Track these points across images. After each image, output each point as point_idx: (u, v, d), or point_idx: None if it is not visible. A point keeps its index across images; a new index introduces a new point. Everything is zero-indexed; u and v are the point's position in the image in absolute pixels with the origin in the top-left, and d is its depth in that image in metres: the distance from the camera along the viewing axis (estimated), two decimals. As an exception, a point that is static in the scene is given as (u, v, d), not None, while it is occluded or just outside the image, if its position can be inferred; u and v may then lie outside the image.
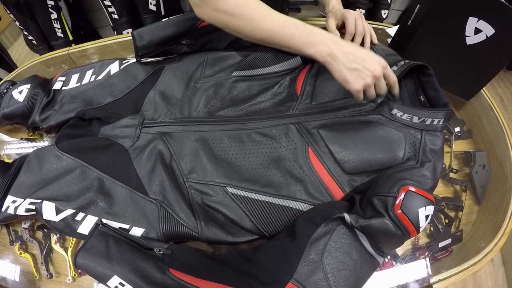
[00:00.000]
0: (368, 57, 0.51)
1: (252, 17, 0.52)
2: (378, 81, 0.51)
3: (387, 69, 0.52)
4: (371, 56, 0.51)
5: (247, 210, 0.55)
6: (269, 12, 0.53)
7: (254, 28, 0.53)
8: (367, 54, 0.51)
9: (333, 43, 0.51)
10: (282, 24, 0.52)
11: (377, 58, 0.51)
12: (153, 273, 0.48)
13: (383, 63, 0.51)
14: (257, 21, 0.53)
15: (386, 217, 0.45)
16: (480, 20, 0.65)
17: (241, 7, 0.52)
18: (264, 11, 0.53)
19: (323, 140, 0.56)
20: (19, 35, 1.92)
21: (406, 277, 0.63)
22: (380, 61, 0.51)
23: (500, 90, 1.69)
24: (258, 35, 0.54)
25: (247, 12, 0.52)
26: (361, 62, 0.50)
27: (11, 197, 0.63)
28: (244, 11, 0.52)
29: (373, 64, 0.50)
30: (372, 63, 0.50)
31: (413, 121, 0.54)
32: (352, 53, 0.50)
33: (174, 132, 0.64)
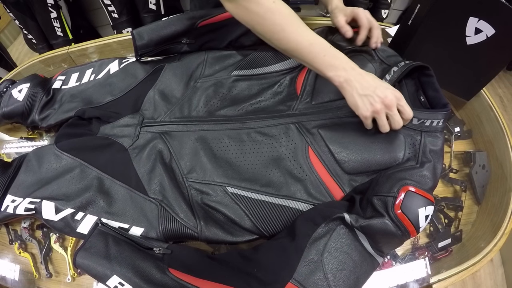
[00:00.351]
0: (381, 86, 0.49)
1: (283, 26, 0.51)
2: (390, 110, 0.49)
3: (401, 100, 0.49)
4: (385, 86, 0.50)
5: (247, 209, 0.55)
6: (299, 26, 0.52)
7: (282, 38, 0.52)
8: (382, 84, 0.50)
9: (352, 70, 0.51)
10: (310, 41, 0.51)
11: (391, 89, 0.50)
12: (153, 272, 0.48)
13: (398, 94, 0.49)
14: (287, 32, 0.52)
15: (386, 217, 0.45)
16: (481, 20, 0.65)
17: (274, 13, 0.51)
18: (294, 24, 0.52)
19: (323, 140, 0.56)
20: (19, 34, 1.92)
21: (406, 277, 0.63)
22: (395, 92, 0.49)
23: (500, 90, 1.69)
24: (284, 45, 0.53)
25: (279, 20, 0.51)
26: (373, 89, 0.49)
27: (11, 196, 0.63)
28: (276, 18, 0.51)
29: (385, 92, 0.49)
30: (384, 91, 0.49)
31: (412, 123, 0.54)
32: (367, 81, 0.50)
33: (173, 131, 0.64)
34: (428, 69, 0.57)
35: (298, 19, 0.52)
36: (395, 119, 0.50)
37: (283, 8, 0.51)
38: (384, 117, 0.50)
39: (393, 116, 0.49)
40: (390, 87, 0.50)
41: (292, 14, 0.52)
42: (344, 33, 0.65)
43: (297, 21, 0.52)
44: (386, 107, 0.49)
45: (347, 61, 0.52)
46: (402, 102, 0.49)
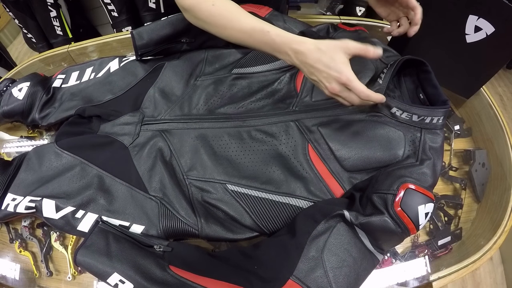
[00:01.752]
0: (326, 70, 0.47)
1: (224, 26, 0.55)
2: (339, 95, 0.49)
3: (349, 84, 0.46)
4: (329, 69, 0.47)
5: (247, 207, 0.55)
6: (238, 20, 0.54)
7: (227, 36, 0.56)
8: (326, 66, 0.47)
9: (295, 53, 0.50)
10: (249, 33, 0.53)
11: (335, 73, 0.46)
12: (153, 270, 0.48)
13: (343, 79, 0.46)
14: (228, 30, 0.55)
15: (386, 215, 0.45)
16: (480, 18, 0.65)
17: (214, 16, 0.55)
18: (233, 20, 0.54)
19: (323, 138, 0.56)
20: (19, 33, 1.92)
21: (406, 275, 0.63)
22: (340, 76, 0.46)
23: (500, 89, 1.69)
24: (232, 40, 0.56)
25: (219, 21, 0.55)
26: (318, 75, 0.49)
27: (11, 195, 0.63)
28: (216, 20, 0.55)
29: (329, 80, 0.47)
30: (327, 79, 0.48)
31: (412, 120, 0.54)
32: (310, 65, 0.48)
33: (174, 129, 0.64)
34: (425, 65, 0.57)
35: (238, 13, 0.54)
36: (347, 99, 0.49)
37: (222, 9, 0.54)
38: (337, 98, 0.50)
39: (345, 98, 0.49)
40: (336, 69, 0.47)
41: (231, 10, 0.54)
42: None
43: (236, 17, 0.54)
44: (333, 94, 0.49)
45: (288, 42, 0.50)
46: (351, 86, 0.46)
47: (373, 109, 0.56)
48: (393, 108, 0.54)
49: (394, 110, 0.54)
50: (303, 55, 0.49)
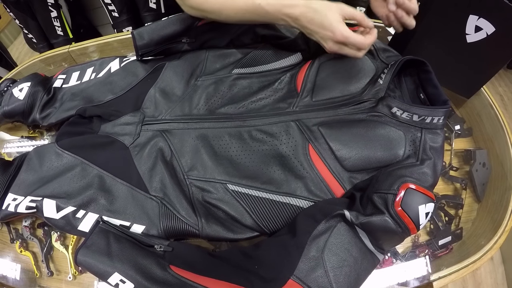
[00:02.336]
0: (321, 31, 0.51)
1: (219, 9, 0.58)
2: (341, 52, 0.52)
3: (348, 40, 0.50)
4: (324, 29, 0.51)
5: (247, 207, 0.55)
6: (231, 2, 0.57)
7: (225, 18, 0.60)
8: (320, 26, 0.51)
9: (289, 17, 0.53)
10: (244, 9, 0.56)
11: (330, 33, 0.50)
12: (154, 270, 0.48)
13: (338, 38, 0.50)
14: (224, 12, 0.58)
15: (386, 214, 0.45)
16: (481, 18, 0.65)
17: (207, 2, 0.58)
18: (227, 2, 0.57)
19: (324, 137, 0.56)
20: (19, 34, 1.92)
21: (406, 275, 0.63)
22: (334, 36, 0.50)
23: (500, 89, 1.69)
24: (231, 21, 0.60)
25: (214, 6, 0.58)
26: (316, 36, 0.53)
27: (12, 195, 0.63)
28: (211, 6, 0.58)
29: (326, 40, 0.51)
30: (324, 39, 0.52)
31: (413, 120, 0.54)
32: (306, 27, 0.52)
33: (174, 129, 0.64)
34: (426, 65, 0.57)
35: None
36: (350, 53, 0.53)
37: None
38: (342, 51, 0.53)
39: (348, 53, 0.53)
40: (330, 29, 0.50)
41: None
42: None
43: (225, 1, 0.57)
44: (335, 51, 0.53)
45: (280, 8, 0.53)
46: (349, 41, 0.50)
47: (374, 109, 0.56)
48: (394, 108, 0.55)
49: (394, 110, 0.55)
50: (297, 19, 0.53)
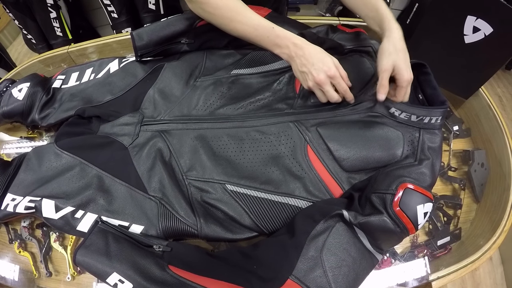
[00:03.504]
0: (318, 63, 0.54)
1: (230, 19, 0.60)
2: (322, 87, 0.55)
3: (335, 79, 0.54)
4: (322, 63, 0.54)
5: (246, 207, 0.55)
6: (244, 15, 0.59)
7: (232, 28, 0.61)
8: (319, 60, 0.54)
9: (294, 46, 0.56)
10: (255, 27, 0.58)
11: (326, 67, 0.53)
12: (153, 270, 0.48)
13: (331, 73, 0.53)
14: (234, 23, 0.60)
15: (385, 214, 0.46)
16: (478, 19, 0.65)
17: (221, 9, 0.59)
18: (240, 14, 0.59)
19: (322, 138, 0.57)
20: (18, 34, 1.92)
21: (405, 275, 0.63)
22: (328, 70, 0.53)
23: (499, 89, 1.70)
24: (235, 33, 0.61)
25: (226, 14, 0.59)
26: (310, 67, 0.54)
27: (11, 195, 0.63)
28: (223, 12, 0.60)
29: (318, 71, 0.53)
30: (317, 70, 0.54)
31: (411, 120, 0.54)
32: (304, 57, 0.55)
33: (173, 130, 0.64)
34: (425, 66, 0.58)
35: (244, 9, 0.59)
36: (328, 94, 0.56)
37: (229, 3, 0.59)
38: (318, 92, 0.57)
39: (326, 92, 0.55)
40: (327, 64, 0.54)
41: (238, 6, 0.59)
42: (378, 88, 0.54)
43: (243, 12, 0.59)
44: (318, 85, 0.55)
45: (290, 37, 0.56)
46: (336, 81, 0.54)
47: (372, 109, 0.56)
48: (392, 108, 0.55)
49: (392, 110, 0.55)
50: (301, 49, 0.55)
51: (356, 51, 0.67)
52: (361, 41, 0.67)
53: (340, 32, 0.69)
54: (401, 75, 0.52)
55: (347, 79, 0.56)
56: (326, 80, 0.54)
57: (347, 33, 0.68)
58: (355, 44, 0.66)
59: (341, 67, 0.56)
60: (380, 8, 0.59)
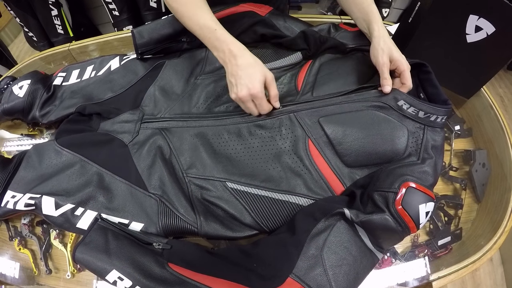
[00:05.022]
0: (245, 79, 0.53)
1: (182, 14, 0.61)
2: (244, 103, 0.55)
3: (257, 99, 0.54)
4: (248, 79, 0.53)
5: (246, 205, 0.55)
6: (195, 13, 0.59)
7: (183, 23, 0.62)
8: (247, 75, 0.53)
9: (229, 52, 0.55)
10: (200, 26, 0.58)
11: (250, 85, 0.53)
12: (152, 267, 0.48)
13: (254, 92, 0.53)
14: (184, 18, 0.61)
15: (387, 213, 0.45)
16: (481, 18, 0.65)
17: (177, 3, 0.60)
18: (191, 11, 0.59)
19: (324, 131, 0.56)
20: (20, 32, 1.92)
21: (406, 275, 0.63)
22: (252, 88, 0.53)
23: (500, 90, 1.69)
24: (188, 29, 0.62)
25: (180, 8, 0.61)
26: (237, 79, 0.54)
27: (11, 192, 0.63)
28: (178, 7, 0.61)
29: (242, 87, 0.53)
30: (242, 85, 0.53)
31: (418, 116, 0.54)
32: (237, 67, 0.54)
33: (173, 127, 0.64)
34: (426, 66, 0.57)
35: (199, 7, 0.59)
36: (249, 109, 0.57)
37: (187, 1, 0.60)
38: (241, 104, 0.57)
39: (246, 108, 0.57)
40: (253, 82, 0.53)
41: (194, 2, 0.59)
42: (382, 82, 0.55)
43: (195, 9, 0.59)
44: (240, 99, 0.55)
45: (228, 43, 0.56)
46: (257, 101, 0.55)
47: (379, 98, 0.56)
48: (400, 101, 0.54)
49: (401, 103, 0.54)
50: (235, 57, 0.55)
51: (358, 49, 0.66)
52: (364, 40, 0.66)
53: (343, 31, 0.68)
54: (400, 62, 0.55)
55: (276, 99, 0.57)
56: (248, 97, 0.54)
57: (349, 32, 0.68)
58: (358, 43, 0.66)
59: (273, 86, 0.56)
60: (371, 12, 0.61)
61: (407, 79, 0.55)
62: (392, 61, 0.56)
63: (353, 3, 0.64)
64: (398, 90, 0.55)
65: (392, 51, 0.56)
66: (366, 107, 0.56)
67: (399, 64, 0.55)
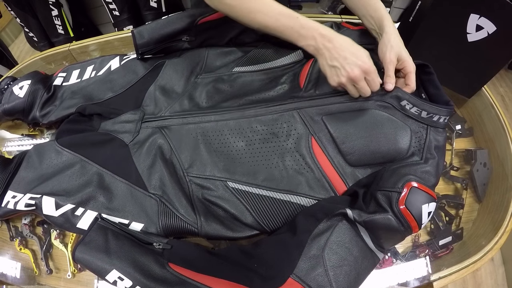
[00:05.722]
0: (351, 57, 0.50)
1: (249, 9, 0.55)
2: (357, 83, 0.51)
3: (370, 74, 0.51)
4: (355, 57, 0.50)
5: (248, 204, 0.55)
6: (265, 4, 0.54)
7: (251, 19, 0.56)
8: (352, 53, 0.50)
9: (321, 37, 0.51)
10: (276, 17, 0.54)
11: (360, 61, 0.50)
12: (152, 267, 0.48)
13: (366, 67, 0.50)
14: (253, 13, 0.55)
15: (390, 213, 0.45)
16: (482, 17, 0.65)
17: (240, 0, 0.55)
18: (260, 3, 0.55)
19: (328, 129, 0.56)
20: (20, 32, 1.92)
21: (406, 275, 0.63)
22: (363, 64, 0.50)
23: (501, 89, 1.69)
24: (255, 25, 0.57)
25: (245, 4, 0.55)
26: (342, 61, 0.50)
27: (11, 192, 0.63)
28: (242, 3, 0.55)
29: (352, 66, 0.50)
30: (351, 65, 0.50)
31: (421, 116, 0.54)
32: (336, 50, 0.51)
33: (173, 125, 0.64)
34: (428, 66, 0.57)
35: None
36: (362, 89, 0.52)
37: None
38: (350, 87, 0.53)
39: (360, 87, 0.52)
40: (361, 58, 0.50)
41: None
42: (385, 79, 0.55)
43: (263, 0, 0.55)
44: (352, 80, 0.51)
45: (315, 28, 0.52)
46: (370, 76, 0.51)
47: (382, 97, 0.55)
48: (404, 101, 0.54)
49: (404, 102, 0.54)
50: (330, 40, 0.51)
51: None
52: (367, 38, 0.66)
53: (345, 30, 0.68)
54: (408, 63, 0.54)
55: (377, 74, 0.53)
56: (361, 75, 0.50)
57: (352, 31, 0.68)
58: (360, 42, 0.65)
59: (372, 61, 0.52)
60: (379, 9, 0.60)
61: (412, 81, 0.55)
62: (400, 61, 0.55)
63: (359, 0, 0.62)
64: (401, 90, 0.54)
65: (401, 51, 0.55)
66: (370, 106, 0.55)
67: (406, 64, 0.54)
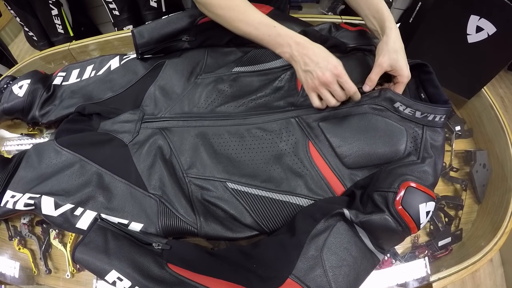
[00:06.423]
0: (323, 62, 0.51)
1: (232, 18, 0.59)
2: (329, 87, 0.52)
3: (341, 77, 0.51)
4: (327, 62, 0.51)
5: (247, 205, 0.55)
6: (246, 14, 0.58)
7: (235, 28, 0.59)
8: (324, 59, 0.52)
9: (296, 45, 0.54)
10: (256, 26, 0.57)
11: (331, 65, 0.51)
12: (152, 267, 0.48)
13: (337, 72, 0.51)
14: (236, 22, 0.58)
15: (387, 213, 0.45)
16: (482, 18, 0.65)
17: (223, 9, 0.59)
18: (242, 13, 0.58)
19: (324, 134, 0.56)
20: (20, 32, 1.92)
21: (406, 276, 0.63)
22: (334, 68, 0.51)
23: (501, 90, 1.69)
24: (239, 33, 0.60)
25: (228, 13, 0.59)
26: (314, 66, 0.52)
27: (10, 192, 0.63)
28: (225, 12, 0.59)
29: (323, 70, 0.51)
30: (322, 69, 0.51)
31: (415, 116, 0.54)
32: (308, 56, 0.52)
33: (174, 127, 0.64)
34: (427, 66, 0.57)
35: (247, 8, 0.58)
36: (336, 93, 0.53)
37: (232, 2, 0.58)
38: (324, 92, 0.53)
39: (333, 91, 0.53)
40: (333, 63, 0.51)
41: (240, 5, 0.58)
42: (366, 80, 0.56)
43: (245, 11, 0.58)
44: (323, 84, 0.52)
45: (292, 36, 0.54)
46: (343, 79, 0.52)
47: (376, 100, 0.56)
48: (397, 103, 0.54)
49: (397, 104, 0.54)
50: (304, 47, 0.53)
51: (359, 49, 0.66)
52: (365, 39, 0.66)
53: (343, 30, 0.68)
54: (402, 71, 0.54)
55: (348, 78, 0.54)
56: (333, 78, 0.51)
57: (350, 31, 0.68)
58: (358, 43, 0.66)
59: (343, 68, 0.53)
60: (381, 9, 0.60)
61: (400, 90, 0.55)
62: (394, 69, 0.55)
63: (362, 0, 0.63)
64: (393, 92, 0.55)
65: (398, 58, 0.54)
66: (364, 110, 0.56)
67: (402, 73, 0.54)
